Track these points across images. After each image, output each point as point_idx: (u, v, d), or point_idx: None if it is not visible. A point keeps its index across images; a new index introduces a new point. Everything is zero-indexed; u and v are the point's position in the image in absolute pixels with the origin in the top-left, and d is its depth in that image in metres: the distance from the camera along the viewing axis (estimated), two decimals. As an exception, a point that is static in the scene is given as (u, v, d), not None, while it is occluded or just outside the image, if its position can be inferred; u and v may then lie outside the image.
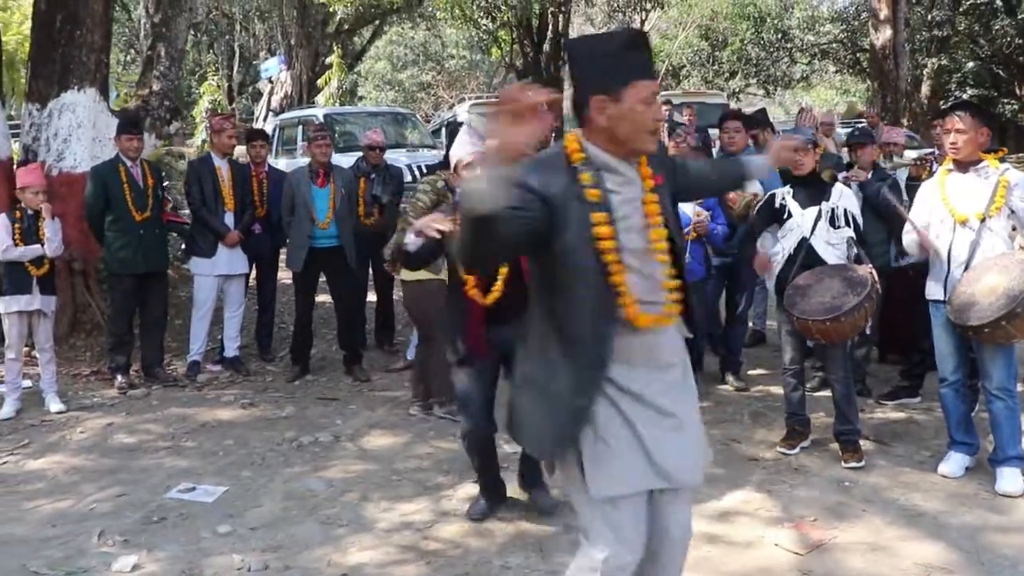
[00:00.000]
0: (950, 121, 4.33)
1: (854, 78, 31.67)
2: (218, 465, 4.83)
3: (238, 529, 3.95)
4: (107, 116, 8.07)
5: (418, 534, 3.88)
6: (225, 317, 6.90)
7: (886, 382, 5.98)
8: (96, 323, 7.42)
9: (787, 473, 4.52)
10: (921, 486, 4.32)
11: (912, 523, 3.90)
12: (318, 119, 12.71)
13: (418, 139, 13.16)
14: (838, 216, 4.78)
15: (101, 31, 8.04)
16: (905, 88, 17.53)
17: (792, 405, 4.90)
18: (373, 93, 38.88)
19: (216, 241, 6.58)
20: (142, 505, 4.27)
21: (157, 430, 5.47)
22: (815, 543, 3.68)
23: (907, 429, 5.23)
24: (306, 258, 6.44)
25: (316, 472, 4.68)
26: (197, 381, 6.55)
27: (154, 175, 6.50)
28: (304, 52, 25.72)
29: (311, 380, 6.62)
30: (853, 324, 4.46)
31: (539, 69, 20.81)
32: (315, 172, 6.52)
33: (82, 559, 3.70)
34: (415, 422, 5.56)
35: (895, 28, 16.68)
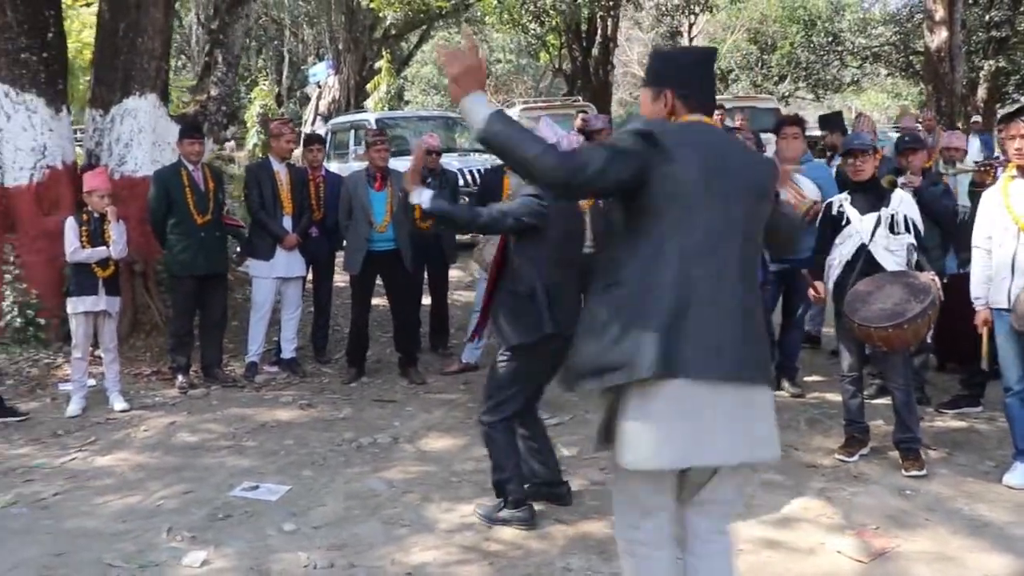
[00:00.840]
0: (1015, 127, 4.30)
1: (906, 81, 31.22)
2: (279, 464, 4.93)
3: (302, 527, 4.03)
4: (166, 121, 8.27)
5: (479, 535, 3.94)
6: (282, 319, 7.02)
7: (945, 391, 5.92)
8: (155, 324, 7.58)
9: (847, 480, 4.51)
10: (986, 496, 4.28)
11: (978, 533, 3.87)
12: (370, 124, 12.85)
13: (468, 143, 13.24)
14: (898, 222, 4.75)
15: (161, 39, 8.25)
16: (960, 91, 17.24)
17: (851, 412, 4.87)
18: (419, 97, 39.18)
19: (274, 244, 6.70)
20: (207, 502, 4.37)
21: (218, 429, 5.59)
22: (878, 551, 3.67)
23: (969, 439, 5.17)
24: (363, 261, 6.53)
25: (376, 473, 4.76)
26: (255, 382, 6.68)
27: (215, 179, 6.63)
28: (352, 57, 26.02)
29: (367, 382, 6.70)
30: (916, 331, 4.43)
31: (587, 73, 20.84)
32: (373, 176, 6.61)
33: (153, 553, 3.80)
34: (472, 425, 5.59)
35: (951, 30, 16.40)
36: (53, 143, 7.53)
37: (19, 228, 7.34)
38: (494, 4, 19.63)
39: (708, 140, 2.50)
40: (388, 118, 13.60)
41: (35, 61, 7.46)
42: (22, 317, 7.15)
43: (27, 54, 7.39)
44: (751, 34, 30.93)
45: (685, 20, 27.13)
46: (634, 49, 33.65)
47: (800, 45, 28.91)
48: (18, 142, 7.35)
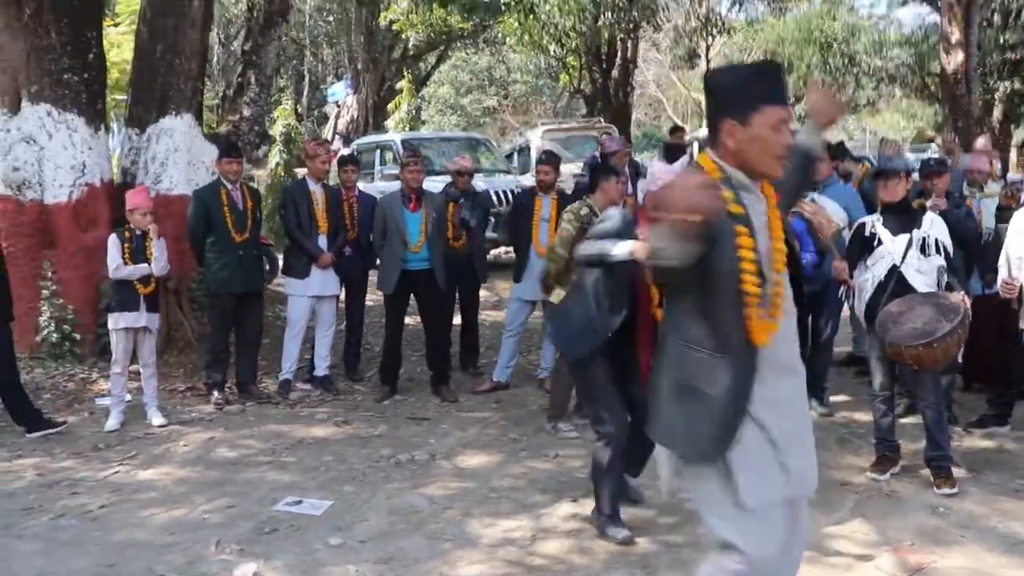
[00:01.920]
0: (1045, 151, 4.38)
1: (921, 103, 31.29)
2: (320, 480, 5.03)
3: (348, 541, 4.13)
4: (201, 141, 8.46)
5: (522, 550, 4.03)
6: (316, 337, 7.14)
7: (972, 410, 5.98)
8: (188, 341, 7.73)
9: (879, 498, 4.59)
10: (1019, 514, 4.35)
11: (1014, 551, 3.94)
12: (396, 144, 13.03)
13: (492, 164, 13.39)
14: (929, 244, 4.84)
15: (197, 60, 8.46)
16: (977, 113, 17.29)
17: (882, 431, 4.95)
18: (436, 117, 39.46)
19: (310, 263, 6.83)
20: (252, 516, 4.48)
21: (257, 445, 5.70)
22: (915, 567, 3.75)
23: (998, 457, 5.24)
24: (397, 280, 6.65)
25: (416, 488, 4.86)
26: (289, 399, 6.80)
27: (253, 198, 6.78)
28: (370, 76, 26.25)
29: (400, 400, 6.81)
30: (946, 350, 4.51)
31: (607, 94, 20.99)
32: (407, 197, 6.74)
33: (203, 565, 3.91)
34: (506, 442, 5.71)
35: (967, 52, 16.48)
36: (92, 161, 7.71)
37: (57, 244, 7.49)
38: (515, 26, 19.81)
39: None
40: (413, 139, 13.74)
41: (76, 82, 7.65)
42: (59, 332, 7.29)
43: (69, 75, 7.59)
44: (768, 56, 31.00)
45: (703, 42, 27.27)
46: (651, 70, 33.85)
47: (816, 67, 29.01)
48: (58, 160, 7.52)
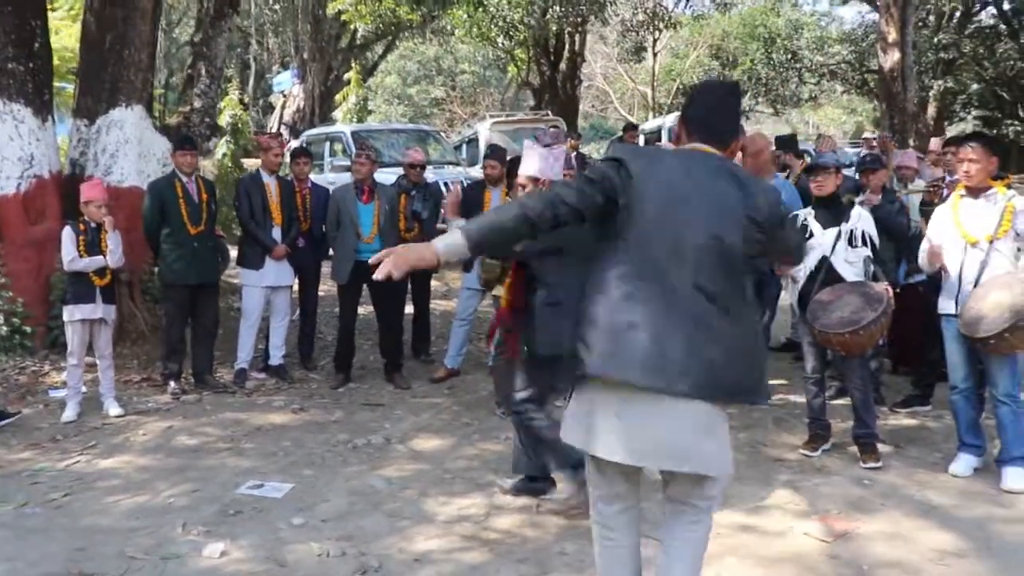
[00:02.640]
0: (963, 151, 4.73)
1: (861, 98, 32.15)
2: (280, 465, 5.19)
3: (311, 521, 4.31)
4: (152, 132, 8.50)
5: (477, 525, 4.25)
6: (271, 326, 7.27)
7: (898, 391, 6.36)
8: (141, 332, 7.78)
9: (811, 472, 4.90)
10: (934, 484, 4.71)
11: (927, 515, 4.29)
12: (345, 136, 13.12)
13: (441, 155, 13.54)
14: (856, 236, 5.15)
15: (147, 51, 8.49)
16: (912, 110, 17.94)
17: (814, 411, 5.28)
18: (383, 107, 39.33)
19: (264, 254, 6.96)
20: (216, 500, 4.62)
21: (215, 433, 5.83)
22: (840, 532, 4.06)
23: (919, 434, 5.62)
24: (351, 270, 6.82)
25: (374, 471, 5.05)
26: (245, 388, 6.92)
27: (208, 190, 6.87)
28: (317, 66, 26.17)
29: (354, 387, 6.99)
30: (871, 336, 4.84)
31: (555, 88, 21.25)
32: (360, 189, 6.90)
33: (172, 546, 4.04)
34: (459, 426, 5.93)
35: (903, 51, 17.10)
36: (40, 153, 7.69)
37: (6, 237, 7.47)
38: (464, 18, 19.96)
39: (683, 167, 2.70)
40: (363, 131, 13.84)
41: (22, 71, 7.62)
42: (8, 325, 7.28)
43: (14, 64, 7.55)
44: (713, 50, 31.66)
45: (650, 36, 27.71)
46: (598, 63, 34.20)
47: (760, 62, 29.67)
48: (5, 152, 7.48)
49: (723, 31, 31.04)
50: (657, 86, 31.48)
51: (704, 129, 2.80)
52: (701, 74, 31.90)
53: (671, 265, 2.59)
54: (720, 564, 3.70)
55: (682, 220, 2.61)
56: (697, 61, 32.07)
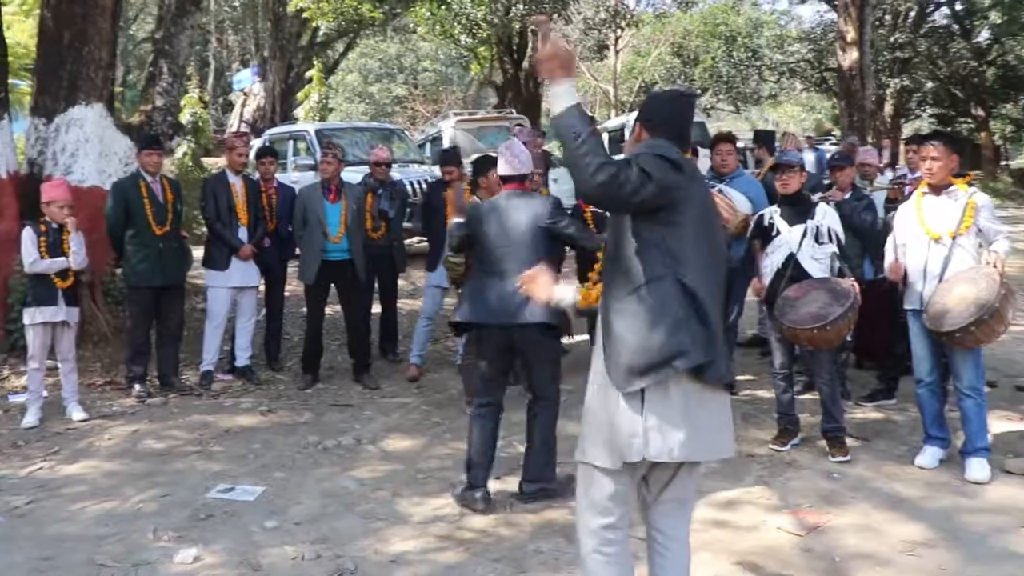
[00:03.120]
0: (926, 149, 4.82)
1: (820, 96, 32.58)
2: (250, 467, 5.14)
3: (284, 524, 4.28)
4: (113, 131, 8.36)
5: (451, 525, 4.24)
6: (237, 327, 7.20)
7: (863, 386, 6.45)
8: (103, 334, 7.65)
9: (781, 467, 4.97)
10: (901, 476, 4.79)
11: (895, 507, 4.36)
12: (309, 135, 13.01)
13: (405, 154, 13.48)
14: (822, 233, 5.22)
15: (107, 48, 8.34)
16: (870, 107, 18.22)
17: (783, 406, 5.34)
18: (344, 105, 39.10)
19: (230, 254, 6.89)
20: (186, 504, 4.56)
21: (183, 436, 5.76)
22: (813, 526, 4.12)
23: (885, 427, 5.71)
24: (318, 270, 6.77)
25: (345, 472, 5.03)
26: (212, 390, 6.84)
27: (173, 190, 6.78)
28: (277, 64, 25.95)
29: (322, 388, 6.94)
30: (838, 332, 4.90)
31: (518, 86, 21.26)
32: (327, 188, 6.86)
33: (143, 553, 3.99)
34: (429, 426, 5.92)
35: (861, 50, 17.36)
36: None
37: (-38, 239, 7.32)
38: (426, 16, 19.89)
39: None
40: (327, 129, 13.73)
41: (-25, 68, 7.47)
42: (-35, 329, 7.15)
43: (-32, 62, 7.40)
44: (674, 48, 31.87)
45: (611, 34, 27.82)
46: (559, 60, 34.20)
47: (721, 59, 29.96)
48: (-39, 151, 7.34)
49: (684, 29, 31.27)
50: (619, 84, 31.59)
51: (680, 136, 2.87)
52: (663, 72, 32.14)
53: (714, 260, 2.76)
54: (696, 559, 3.68)
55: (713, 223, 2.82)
56: (659, 59, 32.27)
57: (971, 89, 29.05)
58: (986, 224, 4.78)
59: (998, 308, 4.46)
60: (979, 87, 28.98)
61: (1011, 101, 30.44)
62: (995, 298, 4.46)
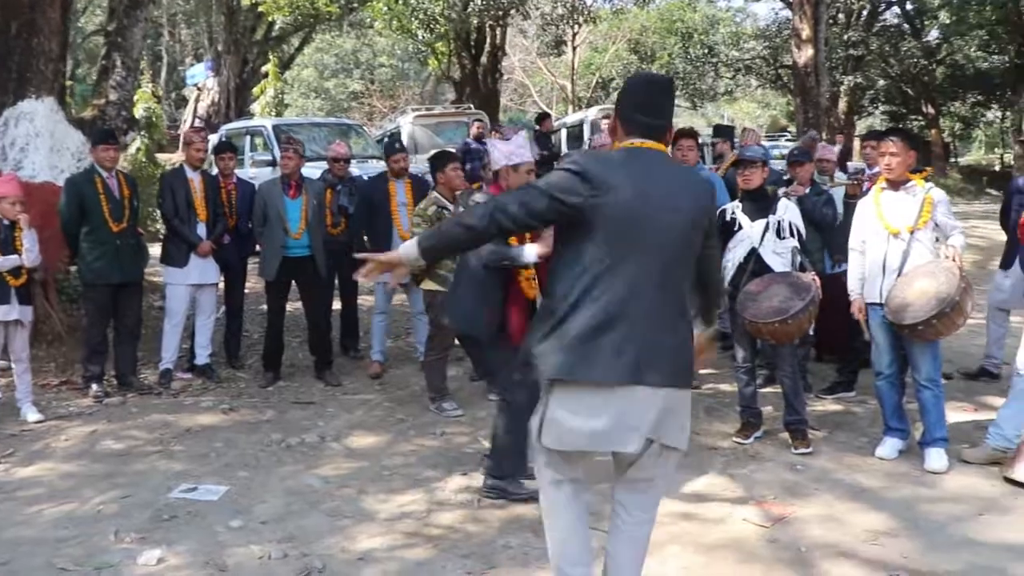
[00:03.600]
0: (884, 145, 4.90)
1: (775, 92, 32.96)
2: (213, 466, 5.07)
3: (249, 523, 4.22)
4: (65, 126, 8.20)
5: (419, 522, 4.22)
6: (196, 325, 7.10)
7: (824, 379, 6.55)
8: (57, 334, 7.50)
9: (745, 459, 5.02)
10: (862, 467, 4.87)
11: (857, 498, 4.43)
12: (266, 130, 12.87)
13: (363, 149, 13.39)
14: (784, 228, 5.28)
15: (58, 40, 8.18)
16: (825, 104, 18.48)
17: (745, 399, 5.39)
18: (300, 101, 38.75)
19: (189, 251, 6.78)
20: (148, 505, 4.48)
21: (143, 436, 5.66)
22: (778, 517, 4.17)
23: (846, 419, 5.79)
24: (278, 267, 6.69)
25: (310, 470, 4.98)
26: (171, 388, 6.74)
27: (129, 186, 6.65)
28: (232, 58, 25.59)
29: (284, 386, 6.87)
30: (799, 326, 4.96)
31: (476, 81, 21.22)
32: (287, 183, 6.78)
33: (105, 555, 3.90)
34: (393, 423, 5.89)
35: (816, 47, 17.60)
36: (-55, 147, 7.36)
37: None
38: (383, 11, 19.76)
39: (644, 169, 2.74)
40: (284, 125, 13.59)
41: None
42: (-86, 329, 6.95)
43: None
44: (631, 44, 32.04)
45: (569, 30, 27.87)
46: (517, 56, 34.26)
47: (678, 56, 30.17)
48: (-92, 147, 7.16)
49: (641, 26, 31.44)
50: (576, 80, 31.67)
51: (650, 125, 2.83)
52: (620, 68, 32.28)
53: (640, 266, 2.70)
54: (663, 552, 3.75)
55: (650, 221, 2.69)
56: (616, 55, 32.42)
57: (921, 87, 29.61)
58: (942, 219, 4.88)
59: (958, 301, 4.55)
60: (929, 85, 29.55)
61: (959, 99, 31.10)
62: (955, 291, 4.55)
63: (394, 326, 8.71)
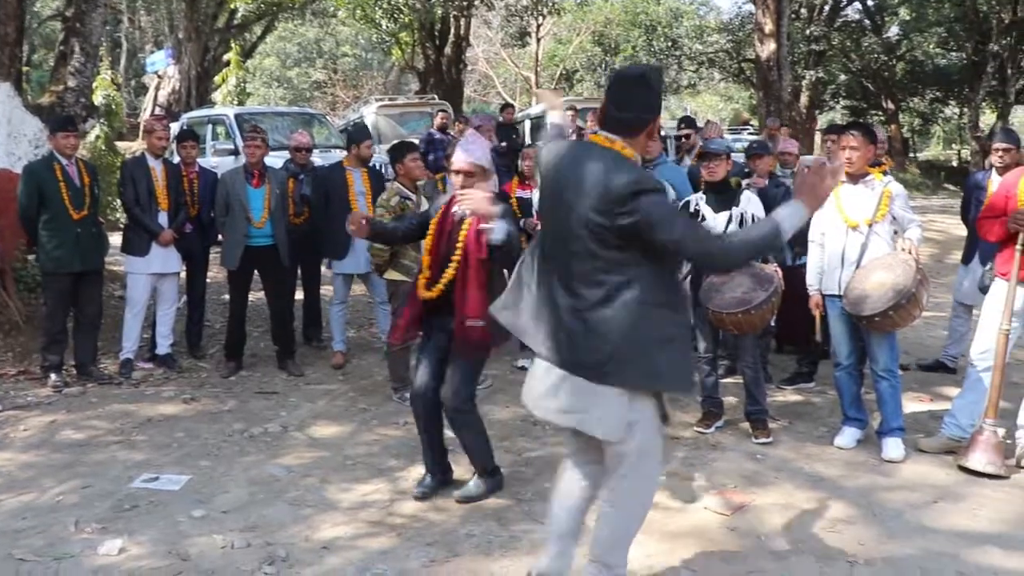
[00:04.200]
0: (845, 139, 4.97)
1: (738, 86, 33.21)
2: (175, 456, 5.03)
3: (212, 513, 4.20)
4: (22, 112, 8.06)
5: (382, 511, 4.22)
6: (157, 315, 7.02)
7: (784, 370, 6.64)
8: (15, 323, 7.38)
9: (706, 449, 5.08)
10: (821, 457, 4.95)
11: (816, 487, 4.50)
12: (228, 119, 12.74)
13: (327, 139, 13.30)
14: (747, 220, 5.33)
15: (14, 24, 8.04)
16: (787, 98, 18.66)
17: (707, 389, 5.46)
18: (262, 90, 38.34)
19: (150, 240, 6.70)
20: (109, 495, 4.44)
21: (103, 426, 5.60)
22: (738, 506, 4.22)
23: (806, 410, 5.88)
24: (241, 256, 6.64)
25: (272, 460, 4.96)
26: (132, 378, 6.67)
27: (89, 173, 6.56)
28: (193, 46, 25.21)
29: (246, 375, 6.83)
30: (762, 316, 5.02)
31: (440, 72, 21.14)
32: (250, 172, 6.72)
33: (65, 546, 3.86)
34: (356, 412, 5.88)
35: (778, 41, 17.76)
36: None
37: None
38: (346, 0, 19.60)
39: (563, 157, 2.98)
40: (247, 114, 13.44)
41: None
42: None
43: None
44: (595, 37, 32.09)
45: (533, 21, 27.86)
46: (480, 47, 34.19)
47: (642, 48, 30.28)
48: None
49: (606, 18, 31.53)
50: (540, 71, 31.68)
51: (615, 119, 2.92)
52: (584, 60, 32.34)
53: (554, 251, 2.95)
54: (626, 540, 3.78)
55: (561, 206, 2.90)
56: (580, 47, 32.47)
57: (882, 82, 30.02)
58: (900, 212, 4.96)
59: (915, 293, 4.64)
60: (889, 81, 29.97)
61: (918, 95, 31.58)
62: (911, 283, 4.63)
63: (357, 317, 8.69)
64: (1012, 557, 3.71)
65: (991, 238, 4.91)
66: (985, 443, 4.65)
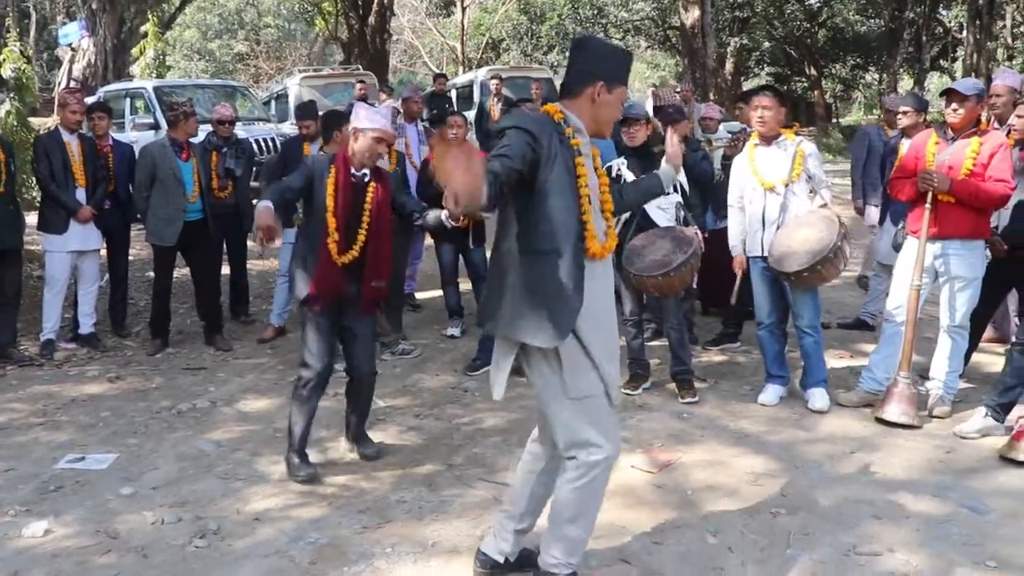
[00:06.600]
0: (757, 100, 5.10)
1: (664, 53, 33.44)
2: (101, 436, 4.95)
3: (140, 490, 4.16)
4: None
5: (313, 481, 4.22)
6: (79, 294, 6.87)
7: (709, 331, 6.78)
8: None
9: (633, 410, 5.18)
10: (746, 414, 5.09)
11: (740, 443, 4.64)
12: (147, 92, 12.42)
13: (250, 112, 13.06)
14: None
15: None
16: (712, 65, 18.87)
17: (633, 352, 5.55)
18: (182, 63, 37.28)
19: (68, 217, 6.54)
20: (32, 477, 4.35)
21: (25, 408, 5.48)
22: (664, 463, 4.33)
23: (731, 369, 6.04)
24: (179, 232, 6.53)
25: (202, 435, 4.92)
26: (54, 359, 6.52)
27: (4, 150, 6.35)
28: (108, 18, 24.32)
29: (172, 352, 6.74)
30: (682, 278, 5.11)
31: (364, 42, 20.83)
32: (180, 146, 6.59)
33: (-12, 529, 3.79)
34: (285, 386, 5.81)
35: (703, 9, 17.91)
36: None
37: None
38: (268, -32, 19.14)
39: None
40: (167, 86, 13.11)
41: None
42: None
43: None
44: (521, 5, 31.89)
45: (458, -11, 27.57)
46: (406, 17, 33.76)
47: (568, 17, 30.18)
48: None
49: (532, -13, 31.37)
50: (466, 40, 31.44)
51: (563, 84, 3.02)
52: (510, 29, 32.16)
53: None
54: (555, 499, 3.85)
55: None
56: (506, 15, 32.22)
57: (804, 49, 30.53)
58: (815, 170, 5.10)
59: (840, 246, 4.81)
60: (811, 48, 30.48)
61: (840, 62, 32.20)
62: (836, 237, 4.79)
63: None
64: (920, 500, 3.89)
65: (902, 197, 5.08)
66: (899, 395, 4.84)
